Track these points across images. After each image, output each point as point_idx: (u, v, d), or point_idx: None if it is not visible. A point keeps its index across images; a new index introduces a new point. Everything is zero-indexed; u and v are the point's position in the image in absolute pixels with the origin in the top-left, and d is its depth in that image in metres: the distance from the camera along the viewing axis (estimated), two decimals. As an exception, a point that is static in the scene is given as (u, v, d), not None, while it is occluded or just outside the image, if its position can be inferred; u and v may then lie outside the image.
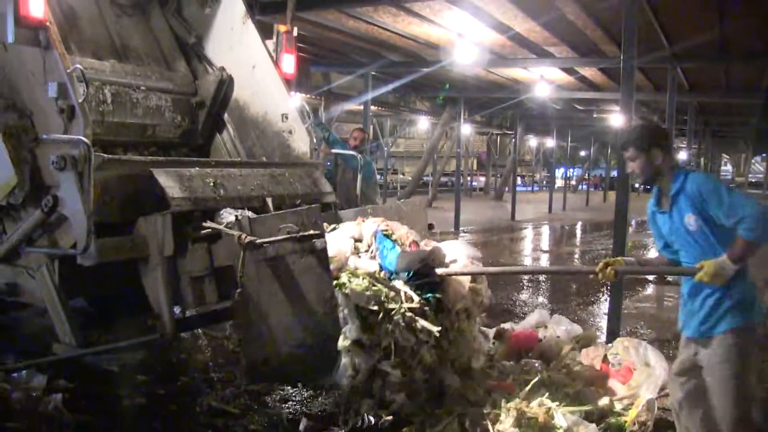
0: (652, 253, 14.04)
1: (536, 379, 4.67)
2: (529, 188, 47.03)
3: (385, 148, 27.38)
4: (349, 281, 4.35)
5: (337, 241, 4.60)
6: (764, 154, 46.23)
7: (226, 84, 5.83)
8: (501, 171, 38.69)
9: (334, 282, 4.21)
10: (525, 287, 10.18)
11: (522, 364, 5.32)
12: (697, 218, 3.30)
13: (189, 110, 5.85)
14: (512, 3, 8.19)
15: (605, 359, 5.37)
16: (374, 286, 4.34)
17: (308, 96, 14.02)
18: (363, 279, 4.39)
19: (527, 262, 13.61)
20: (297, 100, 6.10)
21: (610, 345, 5.78)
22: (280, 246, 3.96)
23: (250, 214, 4.33)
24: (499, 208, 27.56)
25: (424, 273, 4.36)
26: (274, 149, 5.74)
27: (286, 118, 5.64)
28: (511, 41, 10.29)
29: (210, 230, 4.19)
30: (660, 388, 4.83)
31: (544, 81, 14.06)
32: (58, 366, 4.66)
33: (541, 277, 11.20)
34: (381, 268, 4.49)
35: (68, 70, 3.99)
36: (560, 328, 6.07)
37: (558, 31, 9.70)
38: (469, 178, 41.30)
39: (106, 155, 4.20)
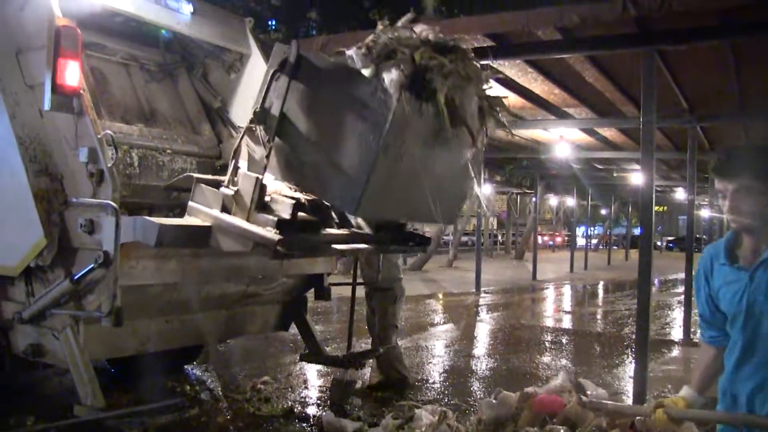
0: (676, 314, 13.81)
1: (562, 446, 4.56)
2: (550, 243, 46.73)
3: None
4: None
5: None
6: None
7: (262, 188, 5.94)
8: (521, 230, 38.58)
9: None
10: (547, 349, 10.02)
11: (547, 431, 5.20)
12: None
13: (213, 173, 5.95)
14: (532, 67, 8.32)
15: (632, 425, 5.23)
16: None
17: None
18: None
19: (549, 323, 13.43)
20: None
21: (637, 410, 5.64)
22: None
23: None
24: (520, 267, 27.37)
25: None
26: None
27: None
28: (531, 103, 10.40)
29: None
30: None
31: (563, 141, 14.14)
32: (79, 429, 4.64)
33: (564, 339, 11.04)
34: None
35: (99, 136, 4.11)
36: (585, 392, 5.94)
37: (577, 92, 9.81)
38: (491, 236, 41.18)
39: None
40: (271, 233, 3.82)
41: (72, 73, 4.04)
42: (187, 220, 4.29)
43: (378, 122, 3.61)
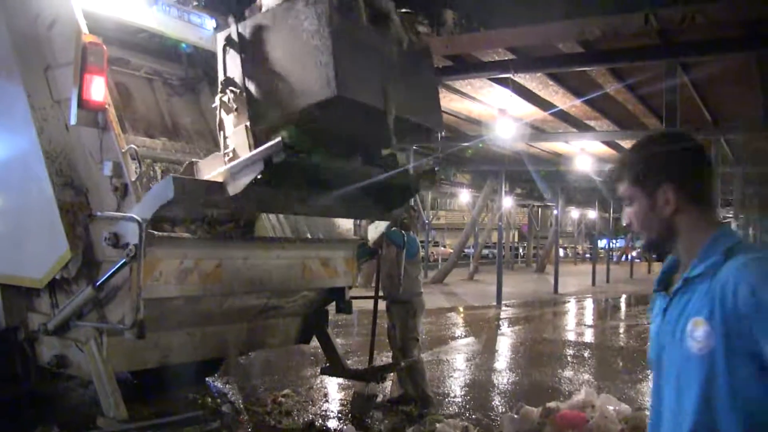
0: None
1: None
2: (571, 257, 46.42)
3: (426, 221, 27.46)
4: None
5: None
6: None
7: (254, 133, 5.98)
8: (543, 243, 38.38)
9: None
10: (570, 363, 9.92)
11: (570, 446, 5.14)
12: (713, 336, 1.45)
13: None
14: (553, 80, 8.31)
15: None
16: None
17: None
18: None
19: (571, 337, 13.30)
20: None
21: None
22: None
23: None
24: (541, 280, 27.18)
25: None
26: (318, 226, 5.81)
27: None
28: (552, 116, 10.39)
29: None
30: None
31: (584, 154, 14.08)
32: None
33: (586, 353, 10.93)
34: None
35: (123, 150, 4.16)
36: (608, 408, 5.87)
37: (598, 105, 9.78)
38: (512, 248, 41.03)
39: (156, 232, 4.32)
40: (273, 142, 3.85)
41: (97, 89, 4.10)
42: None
43: (320, 19, 3.76)
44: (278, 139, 3.81)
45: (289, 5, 3.91)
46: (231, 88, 4.13)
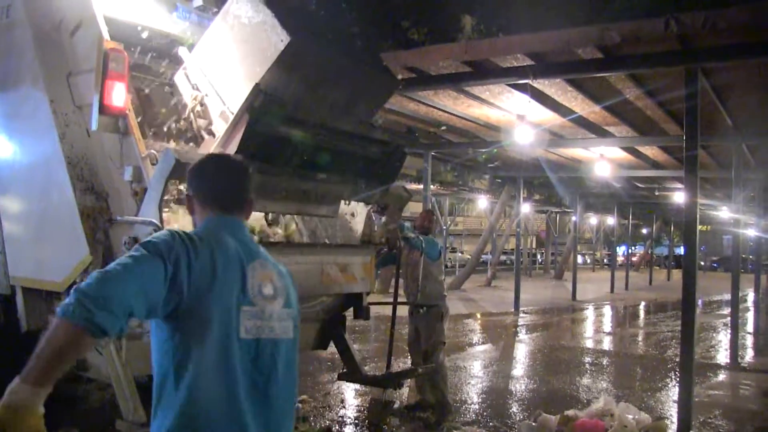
0: (722, 337, 13.45)
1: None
2: (589, 263, 46.09)
3: (444, 227, 27.42)
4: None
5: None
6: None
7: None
8: (561, 249, 38.16)
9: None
10: (588, 371, 9.85)
11: (588, 454, 5.10)
12: None
13: (253, 191, 6.01)
14: (572, 86, 8.26)
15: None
16: None
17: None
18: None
19: (589, 345, 13.20)
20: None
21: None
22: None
23: None
24: (559, 287, 27.03)
25: None
26: (336, 230, 5.82)
27: (348, 201, 5.74)
28: (571, 122, 10.32)
29: None
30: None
31: (604, 160, 13.98)
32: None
33: (605, 361, 10.84)
34: None
35: (143, 155, 4.19)
36: (628, 417, 5.81)
37: (618, 111, 9.70)
38: (531, 255, 40.82)
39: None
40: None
41: (119, 95, 4.14)
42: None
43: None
44: (254, 83, 4.08)
45: (225, 8, 4.41)
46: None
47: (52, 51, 4.62)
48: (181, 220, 4.51)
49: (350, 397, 7.35)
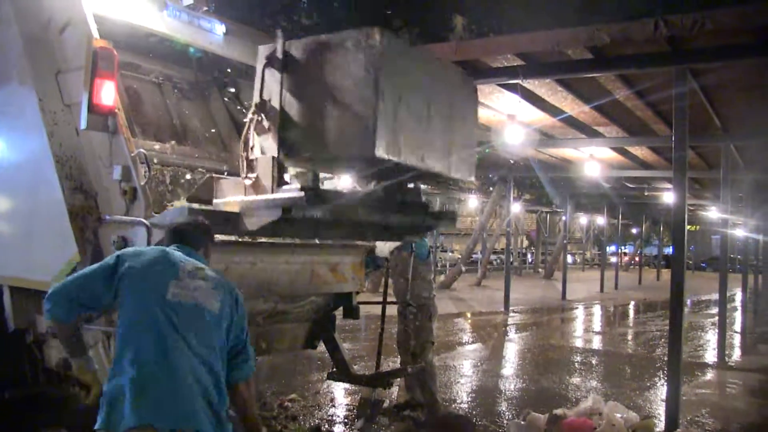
0: (710, 336, 13.54)
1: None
2: (579, 263, 46.26)
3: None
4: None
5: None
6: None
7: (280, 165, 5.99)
8: (551, 249, 38.27)
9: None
10: (577, 370, 9.89)
11: (577, 453, 5.12)
12: None
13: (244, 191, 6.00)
14: (562, 86, 8.29)
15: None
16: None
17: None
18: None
19: (579, 344, 13.26)
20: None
21: (669, 435, 5.54)
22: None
23: None
24: (549, 287, 27.11)
25: None
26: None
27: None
28: (561, 122, 10.36)
29: None
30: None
31: (593, 160, 14.04)
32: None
33: (594, 360, 10.89)
34: None
35: (132, 154, 4.17)
36: (616, 415, 5.85)
37: (607, 111, 9.74)
38: (520, 255, 40.89)
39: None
40: (296, 192, 3.80)
41: (108, 93, 4.12)
42: (216, 207, 4.30)
43: (367, 68, 3.62)
44: (301, 194, 3.72)
45: (341, 40, 3.72)
46: (266, 109, 3.99)
47: (41, 49, 4.59)
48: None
49: (340, 396, 7.35)
